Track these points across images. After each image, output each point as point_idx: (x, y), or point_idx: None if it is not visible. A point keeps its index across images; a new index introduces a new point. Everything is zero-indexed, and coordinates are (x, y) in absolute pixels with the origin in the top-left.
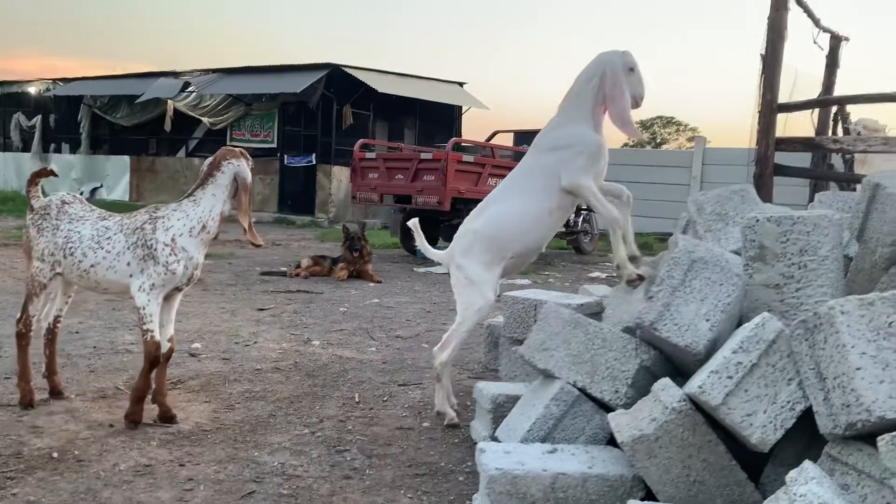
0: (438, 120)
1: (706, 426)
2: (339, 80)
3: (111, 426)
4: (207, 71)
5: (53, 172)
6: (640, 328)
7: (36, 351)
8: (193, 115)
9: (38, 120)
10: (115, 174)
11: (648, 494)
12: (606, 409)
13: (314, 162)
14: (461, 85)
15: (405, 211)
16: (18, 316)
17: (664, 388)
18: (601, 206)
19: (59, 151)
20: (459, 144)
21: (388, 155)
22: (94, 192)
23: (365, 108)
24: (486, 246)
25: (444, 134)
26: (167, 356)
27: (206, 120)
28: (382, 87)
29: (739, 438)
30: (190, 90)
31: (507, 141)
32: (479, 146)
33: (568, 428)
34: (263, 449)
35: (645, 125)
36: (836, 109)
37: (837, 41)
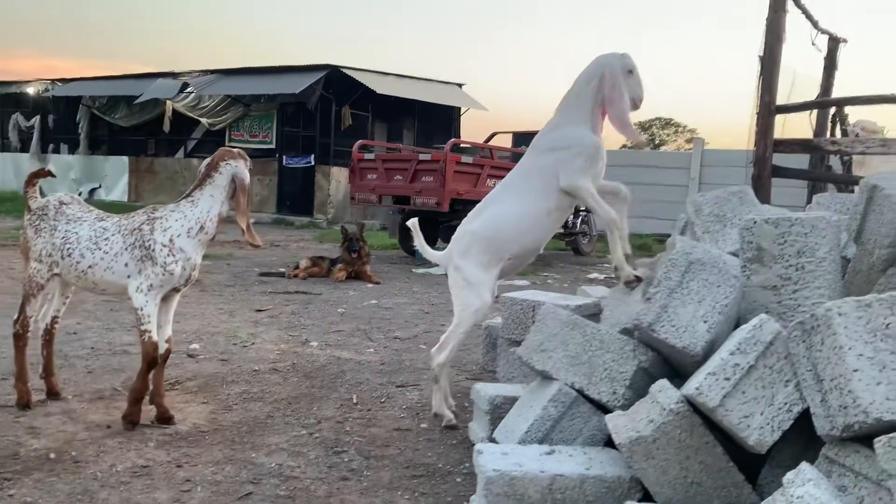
0: (437, 121)
1: (704, 428)
2: (337, 80)
3: (108, 427)
4: (206, 72)
5: (51, 173)
6: (637, 329)
7: (33, 352)
8: (192, 115)
9: (36, 120)
10: (113, 175)
11: (646, 496)
12: (604, 410)
13: (313, 163)
14: (460, 86)
15: (404, 212)
16: (16, 317)
17: (662, 389)
18: (599, 207)
19: (57, 152)
20: (458, 145)
21: (386, 156)
22: (92, 192)
23: (364, 109)
24: (483, 247)
25: (442, 135)
26: (165, 357)
27: (204, 121)
28: (381, 88)
29: (737, 440)
30: (189, 91)
31: (505, 142)
32: (477, 147)
33: (566, 429)
34: (261, 450)
35: (644, 126)
36: (834, 111)
37: (836, 43)
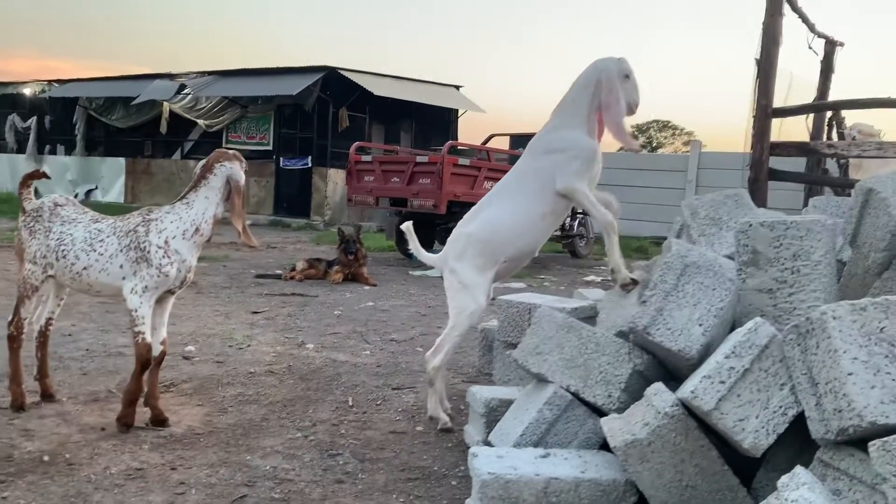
0: (434, 123)
1: (699, 431)
2: (335, 82)
3: (103, 429)
4: (203, 73)
5: (46, 174)
6: (633, 332)
7: (28, 353)
8: (189, 117)
9: (33, 121)
10: (110, 176)
11: (641, 499)
12: (599, 413)
13: (310, 164)
14: (457, 88)
15: (401, 214)
16: (10, 318)
17: (657, 392)
18: (595, 210)
19: (54, 153)
20: (455, 147)
21: (383, 158)
22: (89, 193)
23: (361, 110)
24: (479, 250)
25: (440, 137)
26: (159, 359)
27: (201, 122)
28: (378, 89)
29: (732, 443)
30: (186, 92)
31: (503, 144)
32: (475, 149)
33: (561, 432)
34: (256, 453)
35: (641, 129)
36: (830, 114)
37: (832, 46)
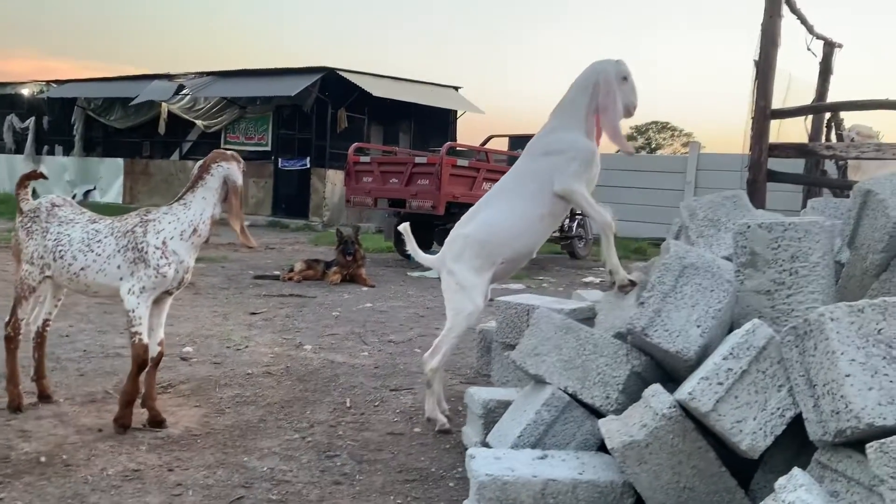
0: (433, 124)
1: (696, 432)
2: (333, 83)
3: (100, 430)
4: (202, 74)
5: (43, 175)
6: (631, 334)
7: (25, 354)
8: (187, 117)
9: (31, 122)
10: (108, 177)
11: (639, 501)
12: (597, 414)
13: (308, 165)
14: (456, 89)
15: (399, 215)
16: (7, 319)
17: (655, 394)
18: (593, 211)
19: (52, 154)
20: (454, 148)
21: (382, 159)
22: (87, 194)
23: (360, 111)
24: (476, 251)
25: (438, 138)
26: (157, 360)
27: (200, 123)
28: (377, 90)
29: (729, 445)
30: (184, 93)
31: (501, 145)
32: (473, 150)
33: (559, 434)
34: (253, 454)
35: (640, 130)
36: (829, 115)
37: (831, 48)
